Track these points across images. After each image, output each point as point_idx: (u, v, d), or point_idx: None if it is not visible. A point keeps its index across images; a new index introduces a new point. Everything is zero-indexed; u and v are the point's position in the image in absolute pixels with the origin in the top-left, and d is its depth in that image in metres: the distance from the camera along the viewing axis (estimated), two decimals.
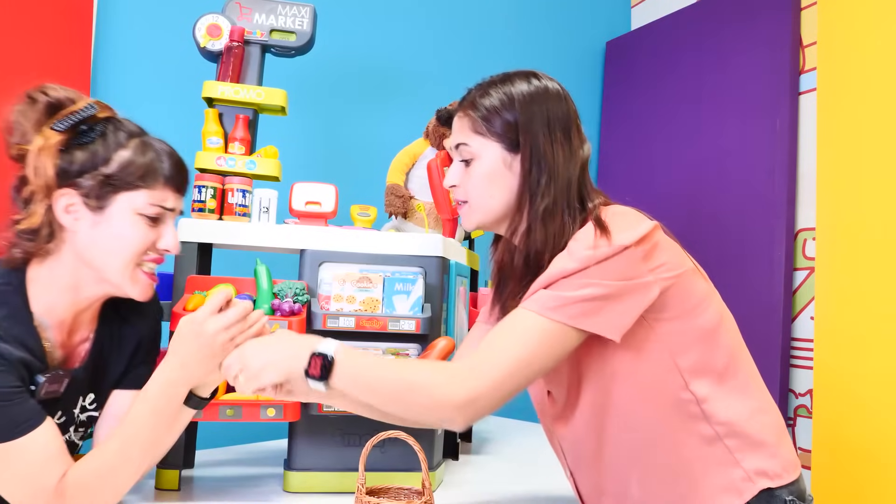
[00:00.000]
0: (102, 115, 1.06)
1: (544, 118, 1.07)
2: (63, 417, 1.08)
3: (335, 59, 2.20)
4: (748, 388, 1.05)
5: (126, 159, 1.04)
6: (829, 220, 2.05)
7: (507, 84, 1.10)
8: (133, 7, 1.89)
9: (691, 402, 1.02)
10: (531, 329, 0.97)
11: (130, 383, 1.17)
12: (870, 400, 1.89)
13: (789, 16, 2.26)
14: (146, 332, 1.20)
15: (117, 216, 1.04)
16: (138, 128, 1.10)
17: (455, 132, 1.14)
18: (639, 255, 0.98)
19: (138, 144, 1.06)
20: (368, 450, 1.08)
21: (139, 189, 1.05)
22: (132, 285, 1.08)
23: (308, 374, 0.98)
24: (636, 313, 0.99)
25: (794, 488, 1.04)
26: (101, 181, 1.03)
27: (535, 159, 1.06)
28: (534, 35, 2.74)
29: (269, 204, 1.42)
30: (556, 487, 1.40)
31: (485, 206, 1.10)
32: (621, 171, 2.80)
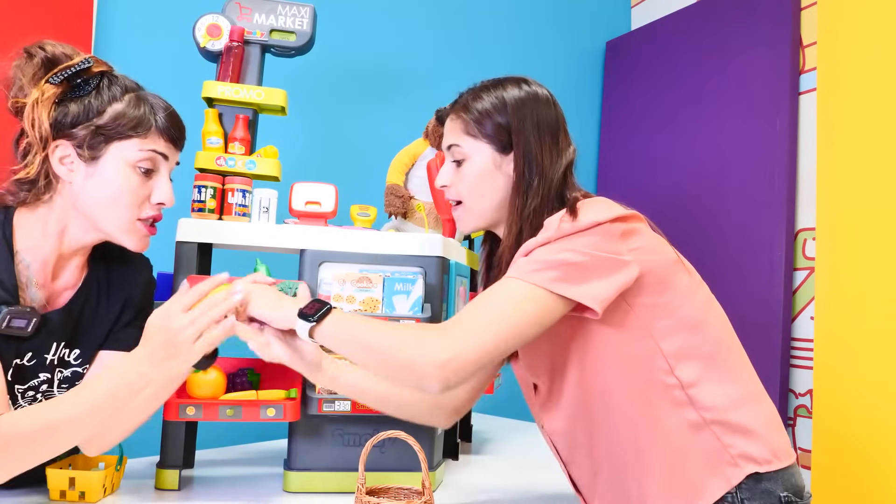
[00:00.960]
0: (98, 69, 1.08)
1: (535, 122, 1.13)
2: (34, 360, 1.09)
3: (335, 59, 2.20)
4: (737, 377, 1.07)
5: (119, 111, 1.07)
6: (829, 220, 2.05)
7: (499, 89, 1.15)
8: (133, 7, 1.89)
9: (676, 388, 1.03)
10: (510, 292, 1.00)
11: (117, 344, 1.17)
12: (870, 400, 1.89)
13: (789, 16, 2.26)
14: (135, 292, 1.21)
15: (109, 166, 1.07)
16: (134, 83, 1.12)
17: (447, 134, 1.19)
18: (615, 233, 1.02)
19: (132, 98, 1.09)
20: (368, 450, 1.08)
21: (130, 138, 1.07)
22: (128, 235, 1.10)
23: (301, 312, 1.02)
24: (616, 287, 1.00)
25: (790, 483, 1.05)
26: (93, 131, 1.05)
27: (527, 161, 1.11)
28: (534, 35, 2.74)
29: (268, 204, 1.42)
30: (556, 487, 1.40)
31: (477, 206, 1.15)
32: (621, 171, 2.80)
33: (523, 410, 2.15)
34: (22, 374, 1.08)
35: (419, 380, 0.99)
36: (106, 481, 1.20)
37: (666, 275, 1.06)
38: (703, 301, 1.09)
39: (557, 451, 1.20)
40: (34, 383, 1.10)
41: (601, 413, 1.08)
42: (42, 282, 1.09)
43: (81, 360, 1.15)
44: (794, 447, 2.18)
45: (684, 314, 1.06)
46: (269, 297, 1.08)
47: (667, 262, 1.07)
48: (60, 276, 1.12)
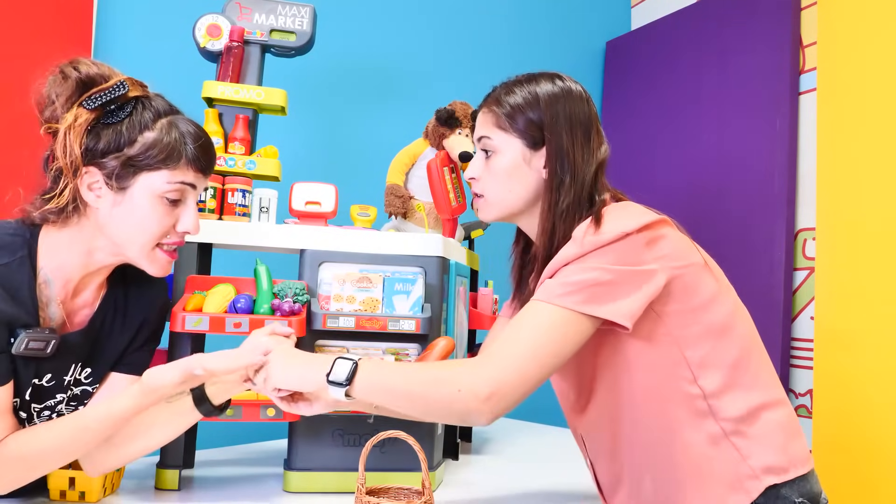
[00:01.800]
0: (133, 93, 1.06)
1: (567, 119, 1.11)
2: (53, 381, 1.08)
3: (335, 59, 2.20)
4: (758, 384, 1.06)
5: (150, 141, 1.04)
6: (829, 220, 2.05)
7: (533, 84, 1.14)
8: (133, 7, 1.89)
9: (699, 398, 1.03)
10: (543, 318, 0.99)
11: (128, 367, 1.17)
12: (870, 400, 1.89)
13: (789, 16, 2.26)
14: (152, 314, 1.20)
15: (137, 197, 1.05)
16: (168, 106, 1.10)
17: (478, 126, 1.17)
18: (641, 243, 1.00)
19: (164, 125, 1.06)
20: (368, 450, 1.08)
21: (159, 170, 1.05)
22: (150, 263, 1.09)
23: (329, 379, 1.01)
24: (644, 300, 1.00)
25: (806, 489, 1.04)
26: (122, 162, 1.03)
27: (559, 158, 1.09)
28: (534, 35, 2.74)
29: (268, 204, 1.42)
30: (556, 487, 1.40)
31: (502, 200, 1.14)
32: (621, 171, 2.80)
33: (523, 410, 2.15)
34: (39, 394, 1.08)
35: (465, 415, 0.99)
36: (106, 481, 1.20)
37: (693, 280, 1.04)
38: (730, 305, 1.08)
39: (587, 450, 1.20)
40: (50, 403, 1.10)
41: (624, 420, 1.08)
42: (62, 300, 1.08)
43: (92, 378, 1.14)
44: None
45: (711, 319, 1.04)
46: (290, 369, 1.06)
47: (694, 267, 1.05)
48: (80, 295, 1.12)
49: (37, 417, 1.10)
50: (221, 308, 1.24)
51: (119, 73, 1.08)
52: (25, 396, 1.06)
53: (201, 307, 1.24)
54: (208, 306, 1.24)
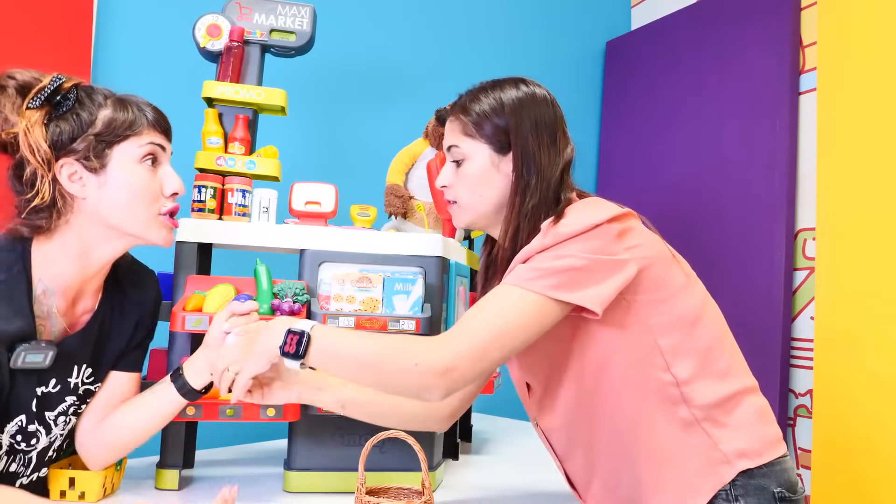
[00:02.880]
0: (70, 83, 1.08)
1: (533, 123, 1.13)
2: (58, 385, 1.10)
3: (335, 59, 2.20)
4: (730, 372, 1.08)
5: (109, 116, 1.08)
6: (829, 220, 2.05)
7: (497, 90, 1.16)
8: (133, 7, 1.89)
9: (671, 385, 1.04)
10: (509, 300, 1.01)
11: (127, 365, 1.21)
12: (870, 400, 1.89)
13: (789, 16, 2.26)
14: (147, 311, 1.23)
15: (118, 170, 1.07)
16: (109, 90, 1.13)
17: (447, 135, 1.19)
18: (612, 233, 1.03)
19: (115, 102, 1.10)
20: (368, 450, 1.08)
21: (128, 138, 1.08)
22: (155, 231, 1.12)
23: (283, 351, 1.01)
24: (615, 288, 1.01)
25: (784, 479, 1.05)
26: (92, 141, 1.06)
27: (525, 161, 1.11)
28: (534, 35, 2.74)
29: (268, 204, 1.42)
30: (555, 487, 1.40)
31: (473, 205, 1.16)
32: (621, 171, 2.80)
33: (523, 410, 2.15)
34: (50, 402, 1.10)
35: (419, 388, 0.99)
36: (106, 481, 1.20)
37: (662, 272, 1.07)
38: (699, 297, 1.10)
39: (553, 448, 1.20)
40: (63, 408, 1.12)
41: (599, 411, 1.09)
42: (64, 309, 1.10)
43: (93, 378, 1.17)
44: (794, 447, 2.18)
45: (681, 310, 1.07)
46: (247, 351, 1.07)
47: (663, 259, 1.08)
48: (80, 301, 1.13)
49: (54, 426, 1.11)
50: (221, 308, 1.24)
51: (49, 74, 1.10)
52: (32, 408, 1.07)
53: (201, 307, 1.24)
54: (208, 306, 1.24)
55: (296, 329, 1.02)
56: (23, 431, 1.07)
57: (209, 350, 1.16)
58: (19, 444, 1.08)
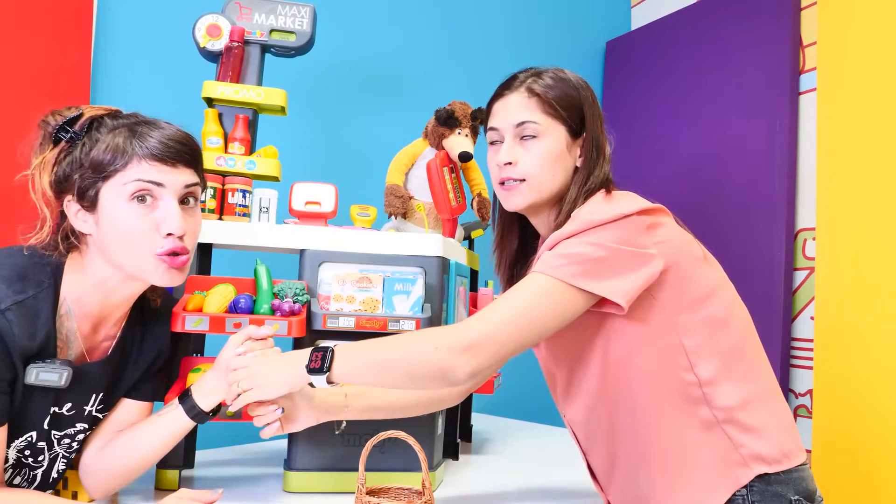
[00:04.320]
0: (90, 114, 1.04)
1: (599, 113, 1.18)
2: (73, 410, 1.08)
3: (335, 59, 2.20)
4: (753, 375, 1.07)
5: (101, 150, 1.01)
6: (829, 220, 2.05)
7: (563, 74, 1.19)
8: (133, 7, 1.89)
9: (694, 385, 1.04)
10: (533, 286, 1.01)
11: (141, 395, 1.19)
12: (870, 400, 1.89)
13: (789, 16, 2.26)
14: (165, 344, 1.21)
15: (108, 208, 1.01)
16: (136, 118, 1.05)
17: (515, 110, 1.15)
18: (641, 226, 1.03)
19: (117, 132, 1.01)
20: (368, 450, 1.08)
21: (114, 174, 1.00)
22: (154, 273, 1.04)
23: (310, 369, 1.03)
24: (641, 282, 1.01)
25: (802, 487, 1.05)
26: (81, 177, 1.00)
27: (595, 145, 1.16)
28: (534, 35, 2.74)
29: (268, 204, 1.42)
30: (556, 486, 1.40)
31: (544, 185, 1.13)
32: (621, 171, 2.78)
33: (523, 410, 2.14)
34: (59, 422, 1.08)
35: (443, 370, 0.99)
36: None
37: (691, 270, 1.06)
38: (727, 300, 1.09)
39: (577, 440, 1.21)
40: (70, 431, 1.10)
41: (620, 406, 1.09)
42: (86, 332, 1.08)
43: (103, 406, 1.14)
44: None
45: (707, 311, 1.06)
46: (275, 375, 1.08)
47: (692, 258, 1.07)
48: (102, 329, 1.11)
49: (57, 445, 1.10)
50: (221, 308, 1.24)
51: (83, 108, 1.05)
52: (44, 425, 1.06)
53: (201, 307, 1.24)
54: (208, 306, 1.24)
55: (319, 347, 1.06)
56: (31, 447, 1.06)
57: (220, 372, 1.13)
58: (26, 459, 1.07)
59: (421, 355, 1.00)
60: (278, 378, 1.08)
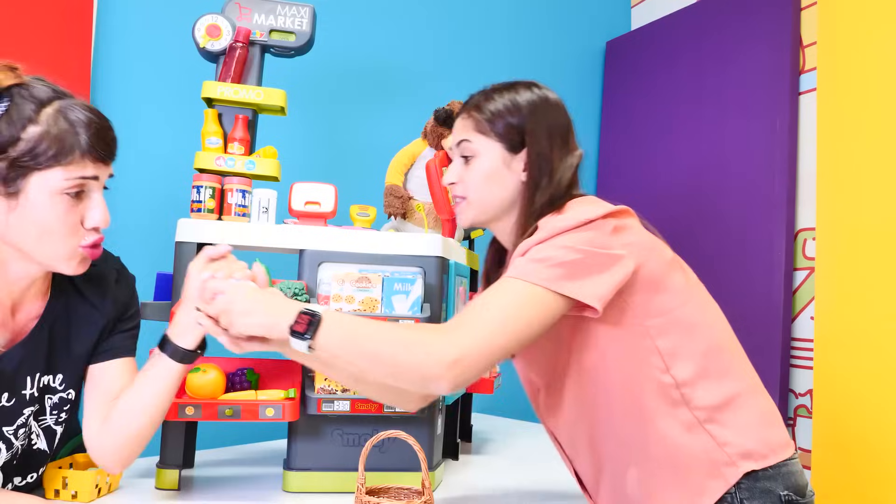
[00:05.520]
0: (7, 83, 0.95)
1: (547, 126, 1.15)
2: (13, 399, 1.03)
3: (335, 59, 2.20)
4: (731, 373, 1.08)
5: (35, 136, 0.93)
6: (829, 220, 2.05)
7: (512, 91, 1.17)
8: (133, 7, 1.89)
9: (671, 387, 1.04)
10: (511, 292, 1.00)
11: (105, 355, 1.13)
12: (870, 400, 1.89)
13: (789, 16, 2.26)
14: (125, 298, 1.16)
15: (33, 199, 0.95)
16: (52, 91, 0.98)
17: (457, 131, 1.20)
18: (607, 229, 1.04)
19: (50, 116, 0.95)
20: (368, 450, 1.08)
21: (52, 168, 0.94)
22: (67, 264, 1.00)
23: (293, 330, 0.97)
24: (613, 283, 1.01)
25: (791, 482, 1.05)
26: (9, 164, 0.93)
27: (539, 163, 1.13)
28: (534, 35, 2.74)
29: (268, 204, 1.42)
30: (556, 487, 1.40)
31: (483, 201, 1.16)
32: (621, 172, 2.80)
33: (523, 410, 2.15)
34: (5, 416, 1.03)
35: (426, 381, 0.97)
36: (100, 481, 1.20)
37: (660, 273, 1.07)
38: (699, 301, 1.10)
39: (562, 448, 1.20)
40: (21, 421, 1.05)
41: (600, 412, 1.09)
42: (1, 321, 1.02)
43: (65, 384, 1.10)
44: (795, 443, 2.18)
45: (680, 314, 1.06)
46: (254, 316, 1.00)
47: (661, 260, 1.08)
48: (21, 311, 1.04)
49: (15, 439, 1.06)
50: None
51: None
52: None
53: None
54: None
55: (308, 310, 0.99)
56: None
57: (190, 306, 1.07)
58: None
59: (411, 362, 0.97)
60: (255, 320, 1.00)
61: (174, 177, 1.74)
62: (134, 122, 1.85)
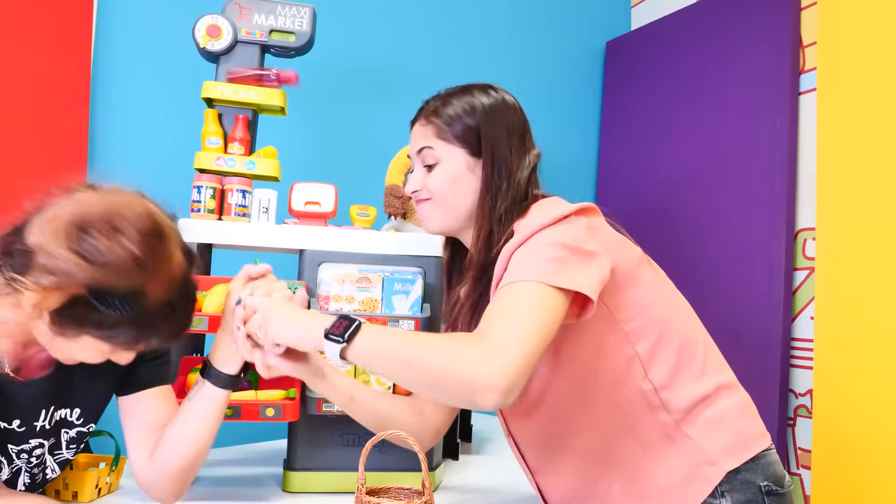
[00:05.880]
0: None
1: (504, 128, 1.14)
2: (23, 427, 1.03)
3: (335, 59, 2.20)
4: (705, 371, 1.07)
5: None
6: (829, 220, 2.05)
7: (468, 95, 1.17)
8: (133, 7, 1.89)
9: (650, 392, 1.04)
10: (528, 295, 0.95)
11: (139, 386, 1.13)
12: (870, 400, 1.89)
13: (789, 16, 2.26)
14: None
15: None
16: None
17: (416, 138, 1.19)
18: (582, 226, 1.03)
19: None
20: (368, 450, 1.08)
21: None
22: None
23: (329, 333, 0.96)
24: (598, 276, 0.99)
25: (770, 472, 1.05)
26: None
27: (497, 166, 1.13)
28: (534, 35, 2.74)
29: (268, 204, 1.42)
30: None
31: (450, 206, 1.15)
32: (621, 172, 2.80)
33: None
34: (12, 437, 1.04)
35: (474, 394, 0.89)
36: (100, 482, 1.20)
37: (633, 270, 1.07)
38: (670, 297, 1.11)
39: (524, 459, 1.19)
40: (26, 447, 1.05)
41: (579, 420, 1.08)
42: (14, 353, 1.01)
43: (83, 419, 1.10)
44: (794, 447, 2.18)
45: (654, 312, 1.06)
46: (291, 323, 1.02)
47: (632, 257, 1.08)
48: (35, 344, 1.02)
49: (16, 458, 1.05)
50: (221, 308, 1.24)
51: None
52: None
53: (200, 307, 1.24)
54: (208, 306, 1.24)
55: (348, 315, 0.99)
56: None
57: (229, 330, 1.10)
58: None
59: (455, 373, 0.90)
60: (290, 330, 1.01)
61: (174, 177, 1.74)
62: (134, 122, 1.85)
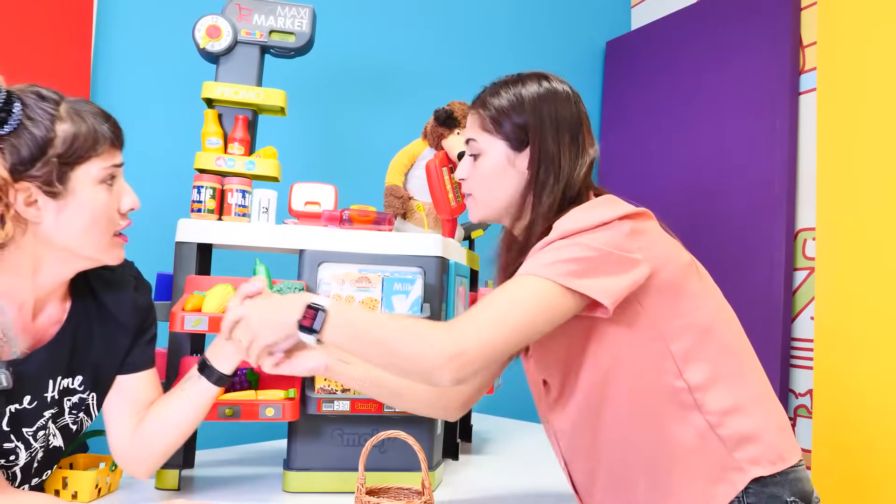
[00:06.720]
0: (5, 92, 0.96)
1: (553, 121, 1.11)
2: (34, 402, 1.05)
3: (335, 60, 2.20)
4: (744, 378, 1.07)
5: (70, 132, 0.98)
6: (829, 220, 2.05)
7: (518, 85, 1.15)
8: (133, 7, 1.89)
9: (684, 391, 1.03)
10: (522, 287, 1.00)
11: (134, 367, 1.17)
12: (870, 400, 1.89)
13: (789, 16, 2.26)
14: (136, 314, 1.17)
15: (80, 192, 1.00)
16: (56, 94, 1.01)
17: (467, 128, 1.19)
18: (624, 231, 1.02)
19: (69, 112, 0.99)
20: (368, 450, 1.08)
21: (90, 159, 1.01)
22: (110, 252, 1.07)
23: (301, 326, 1.01)
24: (627, 285, 1.00)
25: (797, 488, 1.04)
26: (55, 164, 0.97)
27: (544, 160, 1.11)
28: (534, 35, 2.74)
29: (268, 204, 1.42)
30: (556, 487, 1.40)
31: (486, 199, 1.16)
32: (621, 171, 2.80)
33: (523, 410, 2.15)
34: (26, 418, 1.05)
35: (430, 372, 0.97)
36: (100, 481, 1.20)
37: (677, 277, 1.05)
38: (714, 306, 1.09)
39: (560, 450, 1.20)
40: (41, 423, 1.07)
41: (608, 415, 1.08)
42: (23, 325, 1.04)
43: (84, 385, 1.12)
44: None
45: (694, 316, 1.05)
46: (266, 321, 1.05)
47: (678, 264, 1.06)
48: (41, 315, 1.07)
49: (34, 441, 1.07)
50: (221, 308, 1.24)
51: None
52: (3, 426, 1.02)
53: (201, 307, 1.25)
54: (207, 306, 1.24)
55: (314, 304, 1.01)
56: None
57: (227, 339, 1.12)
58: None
59: (413, 352, 0.98)
60: (272, 322, 1.04)
61: (174, 177, 1.74)
62: (134, 122, 1.84)
